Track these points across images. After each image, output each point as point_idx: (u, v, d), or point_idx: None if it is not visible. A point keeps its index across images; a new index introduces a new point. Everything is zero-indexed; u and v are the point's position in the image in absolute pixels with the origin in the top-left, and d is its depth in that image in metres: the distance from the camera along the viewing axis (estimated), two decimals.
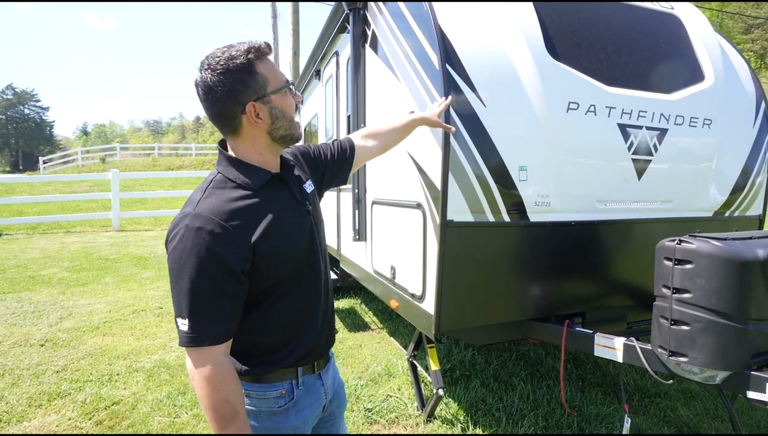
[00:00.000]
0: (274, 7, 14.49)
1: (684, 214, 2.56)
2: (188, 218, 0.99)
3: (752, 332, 1.70)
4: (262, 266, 1.04)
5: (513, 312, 2.29)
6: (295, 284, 1.13)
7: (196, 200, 1.03)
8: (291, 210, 1.14)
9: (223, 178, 1.08)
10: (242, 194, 1.05)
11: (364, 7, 2.99)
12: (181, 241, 0.97)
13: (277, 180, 1.13)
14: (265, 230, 1.03)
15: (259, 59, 1.03)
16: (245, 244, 1.00)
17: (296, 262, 1.12)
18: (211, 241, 0.97)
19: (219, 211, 1.00)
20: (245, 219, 1.02)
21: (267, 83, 1.04)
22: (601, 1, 2.50)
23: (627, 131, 2.27)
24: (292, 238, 1.11)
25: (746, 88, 2.78)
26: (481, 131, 2.01)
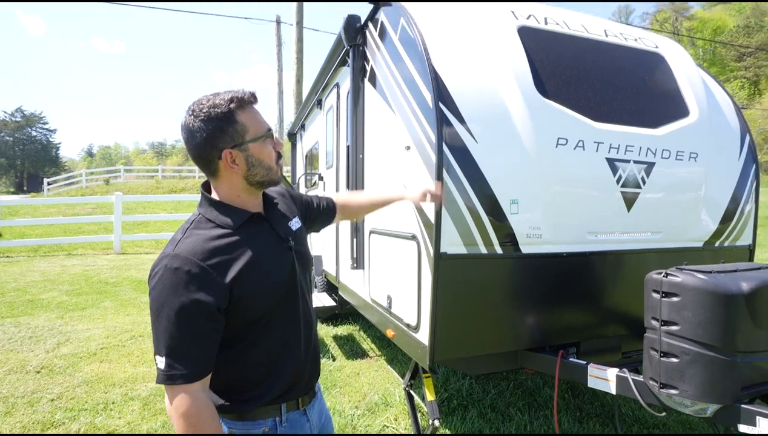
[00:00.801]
0: (278, 35, 14.93)
1: (674, 244, 2.61)
2: (167, 259, 1.04)
3: (740, 365, 1.73)
4: (241, 303, 1.08)
5: (507, 343, 2.31)
6: (275, 320, 1.16)
7: (176, 241, 1.09)
8: (271, 247, 1.17)
9: (204, 218, 1.13)
10: (221, 233, 1.10)
11: (363, 44, 3.13)
12: (160, 280, 1.03)
13: (257, 219, 1.18)
14: (243, 268, 1.07)
15: (240, 108, 1.10)
16: (222, 282, 1.04)
17: (276, 298, 1.15)
18: (188, 281, 1.01)
19: (197, 251, 1.05)
20: (223, 258, 1.06)
21: (246, 132, 1.10)
22: (586, 39, 2.63)
23: (615, 165, 2.35)
24: (271, 275, 1.14)
25: (730, 122, 2.87)
26: (472, 166, 2.09)
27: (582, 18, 2.79)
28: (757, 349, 1.77)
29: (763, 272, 1.88)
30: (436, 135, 2.05)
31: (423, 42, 2.24)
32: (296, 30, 12.19)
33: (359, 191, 1.74)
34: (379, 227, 2.85)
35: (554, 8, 2.82)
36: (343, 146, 3.96)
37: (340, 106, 4.04)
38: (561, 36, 2.55)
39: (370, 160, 3.03)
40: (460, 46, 2.36)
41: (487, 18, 2.47)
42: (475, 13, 2.52)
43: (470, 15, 2.52)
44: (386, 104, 2.66)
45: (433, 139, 2.07)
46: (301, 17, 12.36)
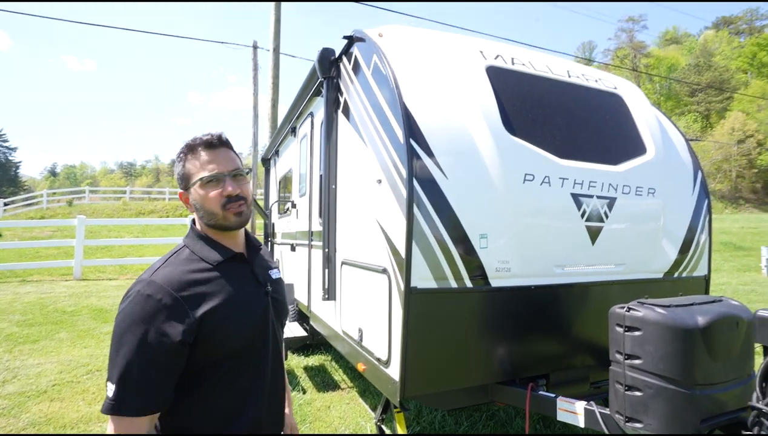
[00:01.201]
0: (255, 60, 15.01)
1: (637, 275, 2.70)
2: (142, 284, 1.05)
3: (699, 397, 1.78)
4: (207, 340, 1.06)
5: (478, 376, 2.31)
6: (240, 368, 1.13)
7: (155, 268, 1.09)
8: (248, 290, 1.17)
9: (187, 250, 1.15)
10: (201, 268, 1.11)
11: (337, 76, 3.18)
12: (130, 305, 1.03)
13: (239, 259, 1.19)
14: (215, 305, 1.07)
15: (191, 152, 1.17)
16: (191, 316, 1.03)
17: (244, 340, 1.13)
18: (157, 310, 1.01)
19: (173, 281, 1.05)
20: (198, 291, 1.07)
21: (190, 176, 1.16)
22: (549, 79, 2.76)
23: (579, 200, 2.44)
24: (243, 317, 1.13)
25: (684, 160, 3.05)
26: (442, 201, 2.13)
27: (546, 59, 2.94)
28: (714, 381, 1.83)
29: (717, 305, 1.96)
30: (407, 170, 2.08)
31: (395, 78, 2.30)
32: (273, 56, 12.30)
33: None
34: (351, 258, 2.84)
35: (520, 49, 2.96)
36: (316, 175, 3.96)
37: (314, 135, 4.06)
38: (527, 76, 2.67)
39: (343, 191, 3.04)
40: (430, 83, 2.43)
41: (457, 57, 2.57)
42: (445, 52, 2.62)
43: (441, 54, 2.61)
44: (359, 137, 2.69)
45: (404, 174, 2.10)
46: (278, 44, 12.50)
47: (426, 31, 2.91)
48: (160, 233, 15.64)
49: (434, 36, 2.83)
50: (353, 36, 2.89)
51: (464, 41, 2.81)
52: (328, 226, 3.18)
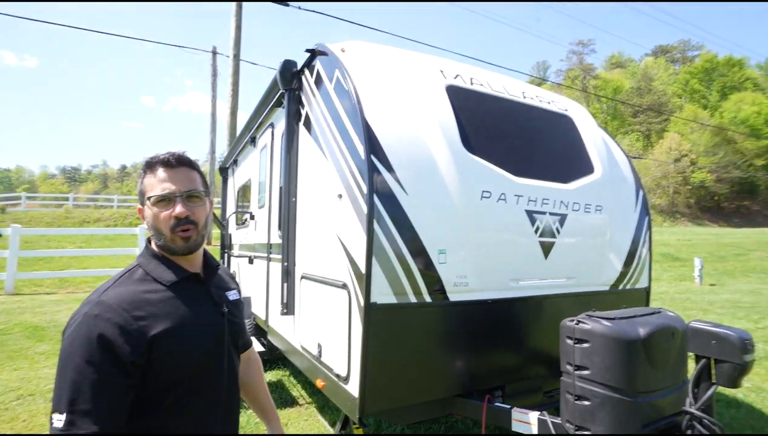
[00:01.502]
0: (214, 66, 14.66)
1: (586, 288, 2.85)
2: (89, 305, 1.01)
3: (641, 404, 1.89)
4: (159, 363, 1.02)
5: (437, 390, 2.33)
6: (193, 387, 1.09)
7: (104, 288, 1.05)
8: (204, 311, 1.14)
9: (141, 270, 1.12)
10: (153, 288, 1.08)
11: (299, 89, 3.16)
12: (76, 328, 0.98)
13: (194, 279, 1.16)
14: (168, 327, 1.04)
15: (149, 169, 1.14)
16: (142, 336, 1.00)
17: (197, 364, 1.10)
18: (106, 329, 0.97)
19: (123, 300, 1.02)
20: (149, 312, 1.03)
21: (145, 193, 1.14)
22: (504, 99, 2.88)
23: (533, 216, 2.55)
24: (196, 339, 1.10)
25: (627, 178, 3.27)
26: (402, 217, 2.16)
27: (503, 80, 3.07)
28: (654, 388, 1.95)
29: (655, 317, 2.10)
30: (367, 185, 2.10)
31: (357, 94, 2.32)
32: (233, 63, 12.07)
33: (261, 375, 1.52)
34: (311, 273, 2.81)
35: (478, 69, 3.08)
36: (276, 187, 3.90)
37: (274, 146, 4.00)
38: (485, 96, 2.78)
39: (303, 205, 3.01)
40: (392, 100, 2.48)
41: (418, 75, 2.63)
42: (406, 70, 2.68)
43: (402, 71, 2.67)
44: (320, 151, 2.69)
45: (365, 189, 2.12)
46: (239, 50, 12.29)
47: (387, 48, 2.96)
48: (107, 244, 14.74)
49: (395, 53, 2.89)
50: (316, 49, 2.89)
51: (425, 60, 2.89)
52: (288, 239, 3.13)
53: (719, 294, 10.39)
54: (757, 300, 9.51)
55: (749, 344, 1.77)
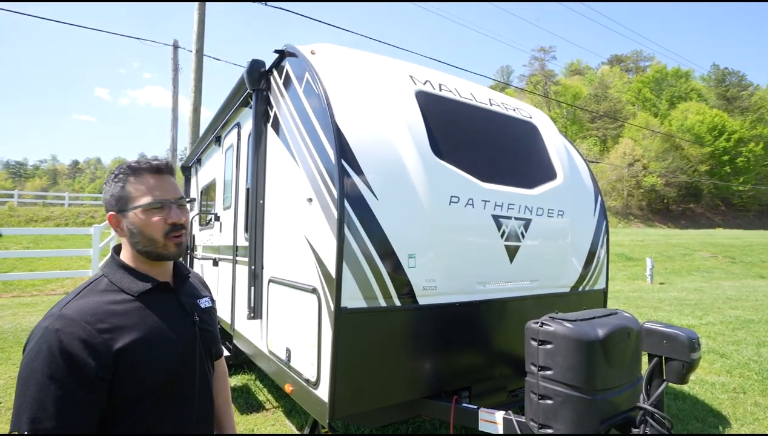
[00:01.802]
0: (175, 60, 14.12)
1: (548, 290, 2.96)
2: (50, 320, 0.97)
3: (599, 402, 1.98)
4: (127, 376, 1.00)
5: (406, 393, 2.36)
6: (164, 399, 1.07)
7: (66, 301, 1.02)
8: (173, 320, 1.12)
9: (105, 280, 1.09)
10: (120, 299, 1.05)
11: (267, 89, 3.11)
12: (37, 343, 0.94)
13: (163, 288, 1.13)
14: (135, 338, 1.02)
15: (134, 174, 1.11)
16: (108, 349, 0.97)
17: (167, 375, 1.07)
18: (69, 343, 0.94)
19: (86, 313, 0.99)
20: (115, 324, 1.00)
21: (130, 199, 1.10)
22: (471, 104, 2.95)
23: (499, 221, 2.62)
24: (165, 350, 1.07)
25: (587, 184, 3.42)
26: (373, 221, 2.16)
27: (470, 86, 3.14)
28: (611, 386, 2.05)
29: (613, 318, 2.21)
30: (338, 190, 2.09)
31: (327, 98, 2.31)
32: (195, 58, 11.67)
33: (226, 390, 1.45)
34: (279, 276, 2.76)
35: (447, 75, 3.13)
36: (242, 188, 3.82)
37: (240, 146, 3.91)
38: (453, 102, 2.83)
39: (271, 207, 2.96)
40: (362, 104, 2.48)
41: (388, 80, 2.65)
42: (376, 74, 2.69)
43: (372, 75, 2.67)
44: (289, 153, 2.65)
45: (335, 194, 2.11)
46: (202, 45, 11.89)
47: (357, 52, 2.96)
48: (58, 244, 13.91)
49: (365, 57, 2.90)
50: (285, 50, 2.85)
51: (394, 64, 2.91)
52: (255, 242, 3.07)
53: (668, 292, 11.05)
54: (700, 297, 10.18)
55: (696, 343, 1.90)
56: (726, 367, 5.08)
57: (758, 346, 5.95)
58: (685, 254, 18.42)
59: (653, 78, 57.52)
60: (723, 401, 4.13)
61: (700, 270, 15.85)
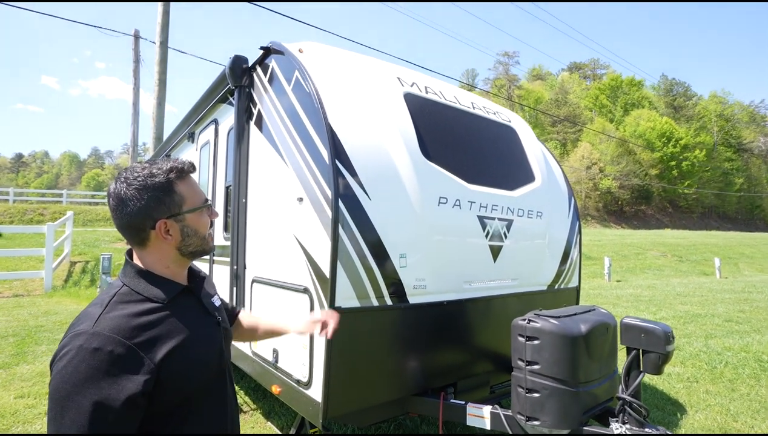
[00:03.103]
0: (136, 51, 13.48)
1: (527, 288, 3.07)
2: (83, 337, 0.90)
3: (582, 394, 2.09)
4: (168, 384, 0.97)
5: (396, 390, 2.39)
6: (202, 402, 1.07)
7: (95, 316, 0.95)
8: (201, 323, 1.11)
9: (129, 290, 1.03)
10: (150, 308, 1.02)
11: (249, 86, 3.05)
12: (71, 363, 0.88)
13: (186, 292, 1.12)
14: (174, 346, 1.00)
15: (179, 179, 1.07)
16: (151, 363, 0.94)
17: (205, 378, 1.08)
18: (111, 364, 0.89)
19: (123, 329, 0.94)
20: (153, 335, 0.97)
21: (183, 202, 1.07)
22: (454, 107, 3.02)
23: (484, 222, 2.70)
24: (202, 352, 1.07)
25: (561, 187, 3.57)
26: (366, 221, 2.18)
27: (453, 90, 3.21)
28: (592, 378, 2.17)
29: (592, 314, 2.33)
30: (332, 190, 2.09)
31: (319, 98, 2.30)
32: (160, 50, 11.21)
33: (255, 318, 1.54)
34: (265, 277, 2.72)
35: (431, 78, 3.19)
36: (220, 187, 3.72)
37: (218, 143, 3.81)
38: (439, 105, 2.88)
39: (255, 206, 2.91)
40: (353, 104, 2.49)
41: (377, 81, 2.67)
42: (365, 75, 2.70)
43: (361, 76, 2.69)
44: (276, 152, 2.62)
45: (329, 194, 2.11)
46: (166, 37, 11.44)
47: (344, 51, 2.97)
48: (4, 244, 12.96)
49: (352, 57, 2.90)
50: (271, 47, 2.82)
51: (382, 66, 2.94)
52: (238, 242, 3.01)
53: (624, 289, 11.68)
54: (654, 294, 10.83)
55: (671, 336, 2.04)
56: (679, 358, 5.45)
57: (706, 338, 6.41)
58: (638, 253, 19.50)
59: (609, 85, 60.46)
60: (679, 390, 4.43)
61: (652, 268, 16.84)
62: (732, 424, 3.61)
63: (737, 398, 4.16)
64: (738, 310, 8.56)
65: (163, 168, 1.05)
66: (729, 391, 4.35)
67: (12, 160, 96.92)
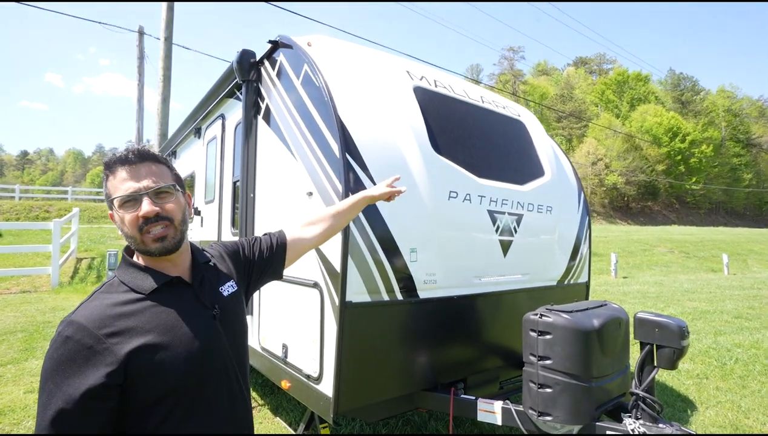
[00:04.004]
0: (141, 47, 13.51)
1: (538, 284, 3.05)
2: (62, 325, 0.97)
3: (595, 389, 2.07)
4: (139, 379, 0.96)
5: (406, 385, 2.38)
6: (189, 399, 1.02)
7: (80, 304, 1.00)
8: (190, 316, 1.06)
9: (117, 281, 1.05)
10: (130, 299, 1.01)
11: (257, 80, 3.04)
12: (51, 349, 0.95)
13: (177, 283, 1.08)
14: (145, 340, 0.97)
15: (110, 170, 1.05)
16: (118, 355, 0.94)
17: (188, 374, 1.02)
18: (76, 352, 0.93)
19: (94, 318, 0.96)
20: (123, 326, 0.97)
21: (111, 195, 1.05)
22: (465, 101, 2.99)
23: (494, 216, 2.68)
24: (185, 347, 1.02)
25: (571, 182, 3.54)
26: (377, 216, 2.16)
27: (462, 83, 3.18)
28: (605, 373, 2.15)
29: (604, 309, 2.31)
30: (343, 184, 2.08)
31: (329, 91, 2.28)
32: (164, 46, 11.21)
33: (315, 213, 1.58)
34: None
35: (439, 72, 3.16)
36: (227, 181, 3.72)
37: (225, 138, 3.80)
38: (448, 98, 2.85)
39: (263, 200, 2.90)
40: (362, 98, 2.46)
41: (386, 74, 2.64)
42: (374, 68, 2.67)
43: (370, 69, 2.66)
44: (285, 146, 2.61)
45: (340, 188, 2.09)
46: (171, 33, 11.44)
47: (352, 45, 2.94)
48: (11, 240, 13.07)
49: (361, 51, 2.88)
50: (279, 41, 2.79)
51: (391, 59, 2.91)
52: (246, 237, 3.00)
53: (631, 286, 11.61)
54: (661, 290, 10.75)
55: (686, 331, 2.01)
56: (689, 355, 5.40)
57: (716, 335, 6.35)
58: (644, 249, 19.37)
59: (615, 81, 59.93)
60: (689, 387, 4.39)
61: (658, 265, 16.72)
62: (743, 421, 3.57)
63: (748, 394, 4.12)
64: (747, 306, 8.48)
65: (104, 160, 1.06)
66: (740, 388, 4.31)
67: (17, 157, 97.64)
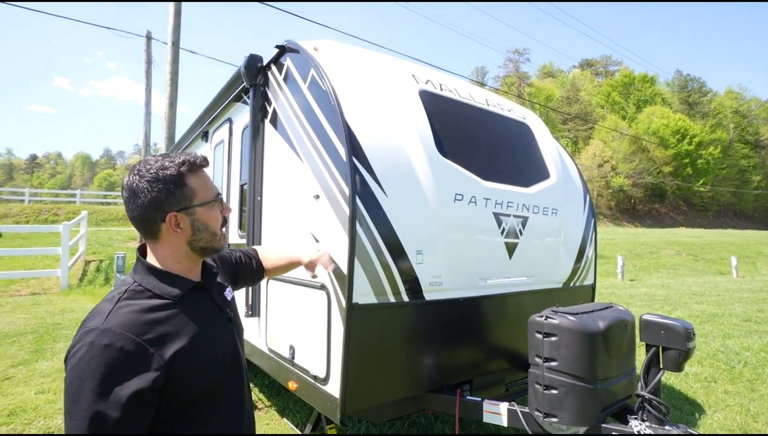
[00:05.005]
0: (148, 52, 13.67)
1: (543, 286, 3.05)
2: (94, 334, 0.92)
3: (600, 390, 2.08)
4: (179, 382, 0.98)
5: (413, 387, 2.39)
6: (216, 399, 1.07)
7: (105, 312, 0.96)
8: (213, 320, 1.11)
9: (139, 287, 1.04)
10: (160, 304, 1.02)
11: (264, 85, 3.08)
12: (83, 360, 0.90)
13: (198, 289, 1.12)
14: (184, 343, 0.99)
15: (191, 172, 1.07)
16: (160, 360, 0.95)
17: (217, 375, 1.07)
18: (120, 360, 0.90)
19: (132, 325, 0.94)
20: (162, 332, 0.98)
21: (194, 196, 1.07)
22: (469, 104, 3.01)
23: (500, 218, 2.69)
24: (214, 349, 1.07)
25: (576, 184, 3.54)
26: (383, 218, 2.19)
27: (467, 87, 3.20)
28: (610, 375, 2.15)
29: (610, 311, 2.31)
30: (349, 187, 2.10)
31: (335, 95, 2.31)
32: (172, 51, 11.34)
33: (270, 251, 1.71)
34: None
35: (445, 75, 3.18)
36: (235, 185, 3.76)
37: (232, 142, 3.85)
38: (453, 102, 2.88)
39: (270, 204, 2.93)
40: (368, 102, 2.49)
41: (392, 78, 2.67)
42: (380, 72, 2.70)
43: (376, 73, 2.69)
44: (292, 150, 2.64)
45: (347, 192, 2.12)
46: (178, 37, 11.56)
47: (358, 49, 2.97)
48: (21, 243, 13.24)
49: (367, 55, 2.91)
50: (286, 46, 2.83)
51: (396, 63, 2.94)
52: (253, 239, 3.04)
53: (638, 288, 11.53)
54: (668, 293, 10.67)
55: (692, 333, 2.01)
56: (697, 358, 5.36)
57: (724, 338, 6.30)
58: (651, 251, 19.22)
59: (621, 82, 59.60)
60: (697, 390, 4.36)
61: (666, 267, 16.59)
62: (752, 424, 3.55)
63: (757, 398, 4.09)
64: (757, 309, 8.39)
65: (175, 161, 1.06)
66: (749, 391, 4.27)
67: (27, 161, 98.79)
